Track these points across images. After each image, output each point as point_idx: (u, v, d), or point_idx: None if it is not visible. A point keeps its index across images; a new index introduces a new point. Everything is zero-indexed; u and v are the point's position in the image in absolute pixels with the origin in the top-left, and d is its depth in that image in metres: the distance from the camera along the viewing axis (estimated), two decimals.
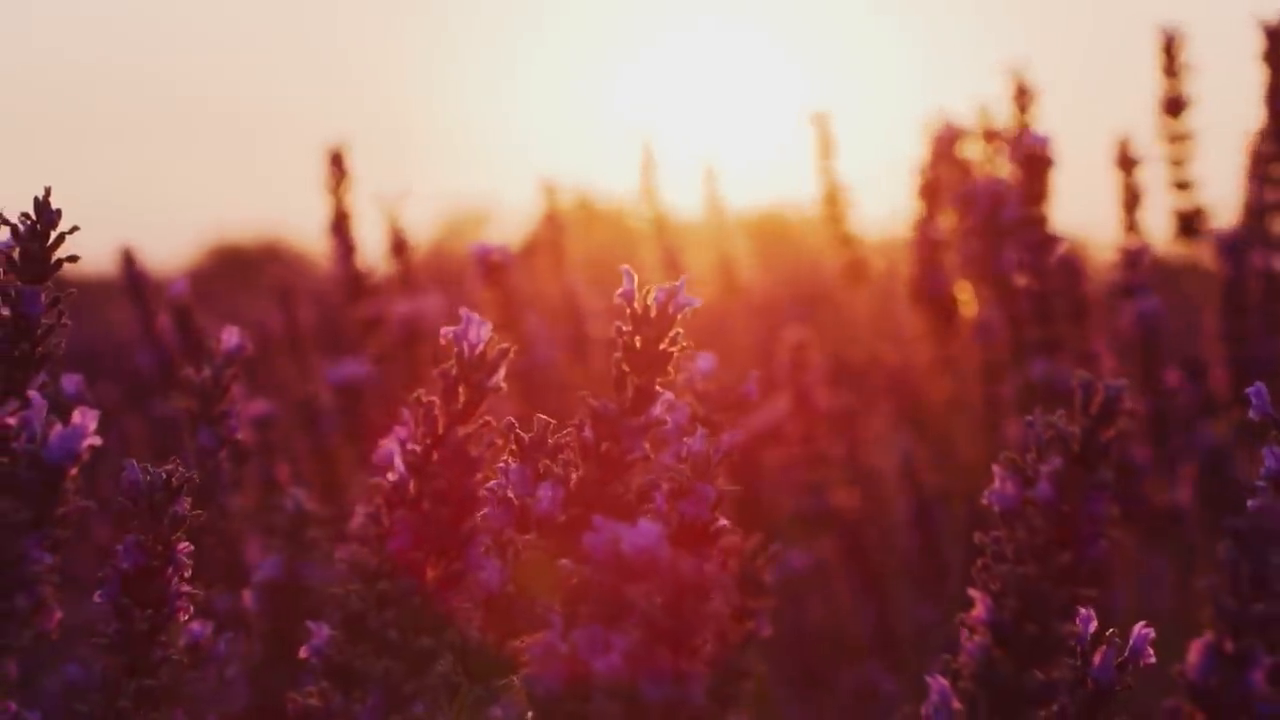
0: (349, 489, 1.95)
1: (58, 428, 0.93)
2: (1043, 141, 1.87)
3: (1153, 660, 0.94)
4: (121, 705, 0.98)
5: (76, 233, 1.00)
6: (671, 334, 0.86)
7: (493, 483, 0.86)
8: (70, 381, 1.23)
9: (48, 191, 1.00)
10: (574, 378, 2.07)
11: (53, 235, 1.00)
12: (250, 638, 1.34)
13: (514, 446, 0.86)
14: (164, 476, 0.97)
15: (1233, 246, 1.95)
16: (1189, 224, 2.19)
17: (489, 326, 0.82)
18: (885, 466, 2.24)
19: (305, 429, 2.07)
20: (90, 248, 1.05)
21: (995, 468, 0.85)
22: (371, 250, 2.23)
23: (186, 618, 0.99)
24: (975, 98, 2.27)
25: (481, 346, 0.83)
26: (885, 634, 2.06)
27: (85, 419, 0.93)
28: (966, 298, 2.21)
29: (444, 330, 0.83)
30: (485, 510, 0.84)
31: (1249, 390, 0.97)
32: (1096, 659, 0.92)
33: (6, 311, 0.99)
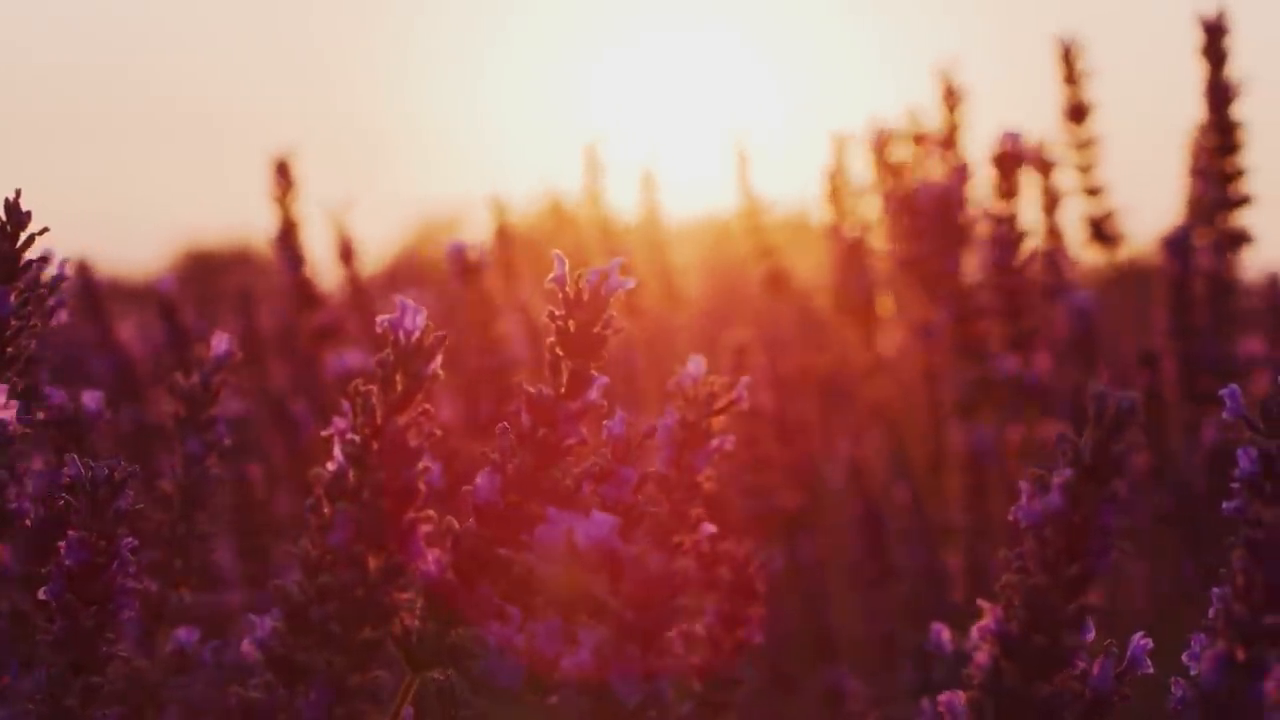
0: None
1: None
2: (1014, 138, 1.88)
3: (1151, 671, 0.94)
4: (68, 704, 0.97)
5: (46, 233, 1.00)
6: (605, 317, 0.86)
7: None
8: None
9: (18, 193, 1.00)
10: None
11: (22, 236, 1.00)
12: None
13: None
14: (106, 472, 0.96)
15: (1179, 244, 1.96)
16: (1100, 229, 2.21)
17: (424, 314, 0.82)
18: (828, 471, 2.24)
19: (279, 428, 2.07)
20: (59, 253, 1.05)
21: (1022, 484, 0.84)
22: (326, 259, 2.23)
23: (132, 614, 0.98)
24: (906, 101, 2.29)
25: (418, 334, 0.82)
26: (837, 637, 2.06)
27: None
28: (887, 302, 2.22)
29: (380, 319, 0.82)
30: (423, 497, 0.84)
31: (1223, 391, 0.95)
32: (1095, 669, 0.92)
33: None
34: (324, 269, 2.21)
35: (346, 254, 2.27)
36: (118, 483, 0.97)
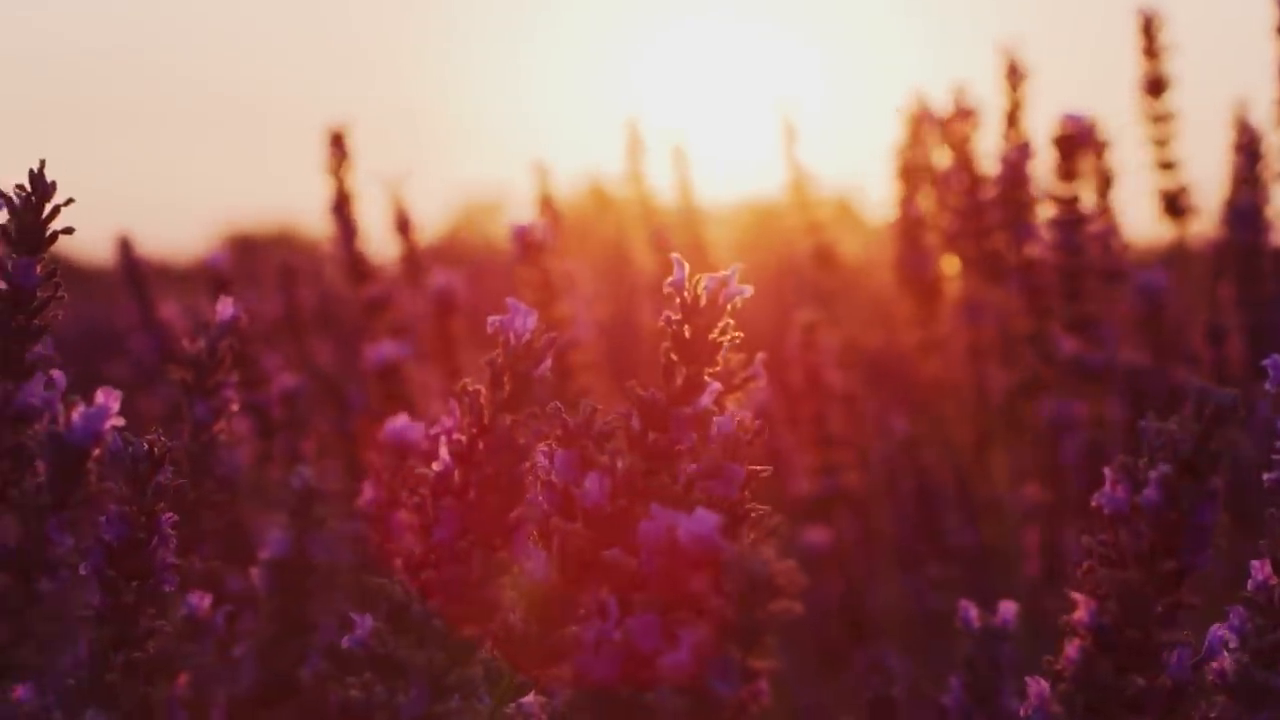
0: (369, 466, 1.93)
1: (80, 408, 0.92)
2: (1077, 120, 1.88)
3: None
4: (109, 679, 0.97)
5: (71, 204, 0.99)
6: (722, 324, 0.85)
7: (536, 466, 0.85)
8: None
9: (42, 164, 0.99)
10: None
11: (48, 207, 0.99)
12: (258, 615, 1.32)
13: (559, 432, 0.85)
14: (146, 447, 0.96)
15: (1248, 215, 1.98)
16: (1174, 203, 2.20)
17: (535, 315, 0.81)
18: (874, 449, 2.24)
19: (331, 406, 2.06)
20: (102, 235, 1.04)
21: (1107, 471, 0.83)
22: (376, 233, 2.22)
23: (172, 589, 0.98)
24: (960, 78, 2.28)
25: (529, 335, 0.82)
26: (883, 614, 2.06)
27: (108, 399, 0.92)
28: (952, 278, 2.22)
29: (490, 319, 0.82)
30: (529, 495, 0.84)
31: (1265, 361, 0.96)
32: (1173, 659, 0.90)
33: (3, 284, 0.98)
34: (372, 245, 2.20)
35: (403, 225, 2.26)
36: (158, 458, 0.96)
